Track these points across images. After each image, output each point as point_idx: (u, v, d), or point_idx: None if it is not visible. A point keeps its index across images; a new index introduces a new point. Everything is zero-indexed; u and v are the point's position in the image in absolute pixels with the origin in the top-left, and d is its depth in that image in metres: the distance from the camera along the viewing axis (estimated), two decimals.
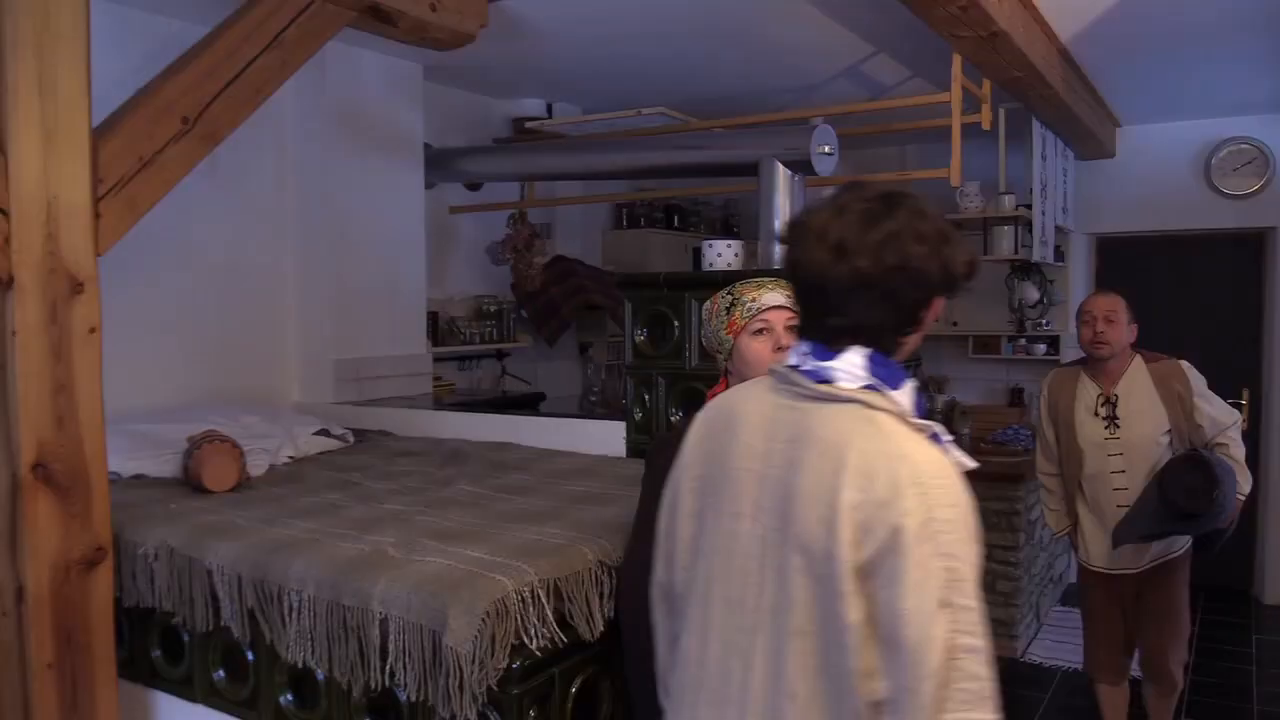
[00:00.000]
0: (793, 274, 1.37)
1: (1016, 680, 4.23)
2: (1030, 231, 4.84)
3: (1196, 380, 3.16)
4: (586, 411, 4.55)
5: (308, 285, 3.88)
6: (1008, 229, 5.28)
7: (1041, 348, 5.67)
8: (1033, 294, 5.47)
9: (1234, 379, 5.55)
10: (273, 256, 3.83)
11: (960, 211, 5.30)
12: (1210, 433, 3.15)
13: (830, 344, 1.32)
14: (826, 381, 1.30)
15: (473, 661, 1.71)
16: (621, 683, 2.07)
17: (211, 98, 2.22)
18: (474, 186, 4.83)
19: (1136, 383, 3.16)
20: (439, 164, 4.33)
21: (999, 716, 1.18)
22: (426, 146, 4.28)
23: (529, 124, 4.81)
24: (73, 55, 1.88)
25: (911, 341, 1.36)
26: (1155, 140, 5.49)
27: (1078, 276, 5.73)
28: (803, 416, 1.31)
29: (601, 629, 1.97)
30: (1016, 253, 5.27)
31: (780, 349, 1.79)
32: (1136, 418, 3.14)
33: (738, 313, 1.86)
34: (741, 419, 1.39)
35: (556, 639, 1.87)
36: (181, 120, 2.16)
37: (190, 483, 2.62)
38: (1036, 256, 4.86)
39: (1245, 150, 5.29)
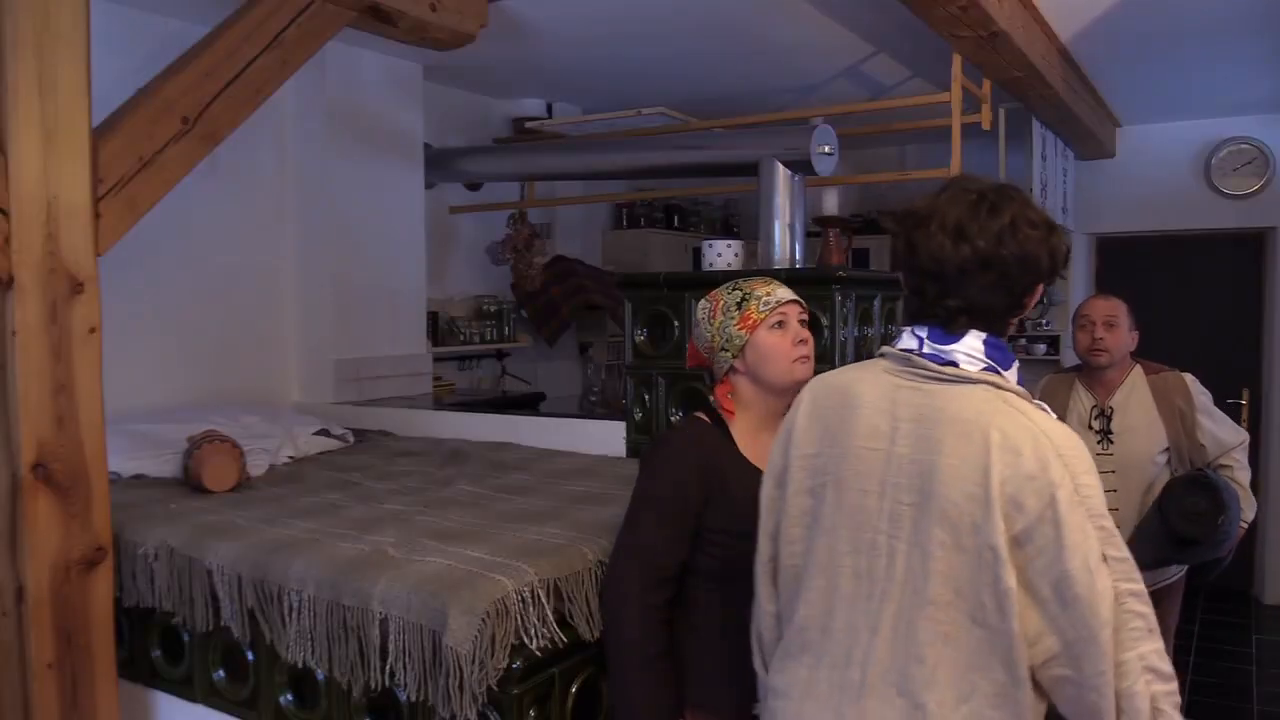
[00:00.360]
0: (909, 259, 1.44)
1: None
2: None
3: (1200, 395, 2.94)
4: (586, 411, 4.55)
5: (308, 285, 3.88)
6: None
7: (1041, 348, 5.67)
8: None
9: (1234, 379, 5.56)
10: (273, 256, 3.83)
11: None
12: (1213, 453, 2.93)
13: (949, 327, 1.41)
14: (950, 364, 1.40)
15: (473, 661, 1.71)
16: None
17: (211, 98, 2.22)
18: (474, 186, 4.83)
19: (1134, 395, 2.94)
20: (439, 164, 4.33)
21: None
22: (426, 146, 4.28)
23: (529, 124, 4.81)
24: (73, 55, 1.88)
25: (1011, 327, 1.46)
26: (1155, 140, 5.49)
27: (1078, 276, 5.73)
28: (929, 398, 1.40)
29: (602, 628, 1.97)
30: None
31: (801, 342, 1.84)
32: (1132, 433, 2.92)
33: (753, 306, 1.83)
34: (859, 400, 1.46)
35: (556, 639, 1.86)
36: (181, 120, 2.16)
37: (190, 483, 2.62)
38: None
39: (1245, 150, 5.29)
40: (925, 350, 1.43)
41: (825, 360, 2.68)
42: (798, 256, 3.38)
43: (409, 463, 2.98)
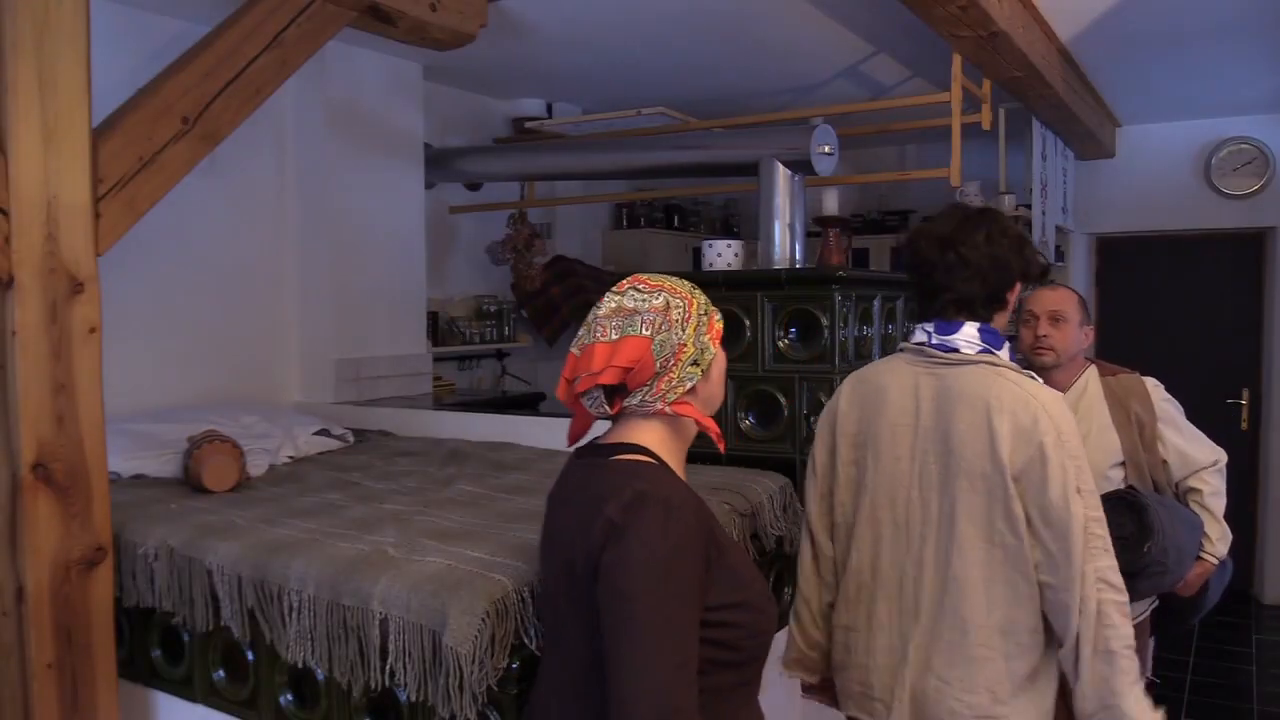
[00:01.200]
0: (913, 269, 1.88)
1: None
2: (1030, 231, 4.84)
3: (1164, 403, 2.60)
4: None
5: (308, 285, 3.88)
6: None
7: None
8: None
9: (1234, 379, 5.56)
10: (272, 256, 3.83)
11: None
12: (1179, 472, 2.57)
13: (947, 319, 1.83)
14: (953, 350, 1.82)
15: (473, 661, 1.71)
16: None
17: (211, 98, 2.22)
18: (474, 186, 4.83)
19: (1085, 400, 2.61)
20: (439, 164, 4.33)
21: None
22: (426, 146, 4.28)
23: (529, 124, 4.81)
24: (73, 55, 1.88)
25: (1002, 319, 1.85)
26: (1155, 140, 5.50)
27: (1078, 276, 5.73)
28: (941, 379, 1.83)
29: None
30: None
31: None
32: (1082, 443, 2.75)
33: (714, 316, 1.49)
34: (888, 388, 1.89)
35: None
36: (181, 120, 2.16)
37: (190, 483, 2.62)
38: None
39: (1245, 150, 5.29)
40: (934, 341, 1.84)
41: (825, 360, 2.68)
42: (798, 256, 3.38)
43: (409, 463, 2.98)
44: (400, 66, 4.09)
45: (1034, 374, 1.79)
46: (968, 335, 1.81)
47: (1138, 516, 2.36)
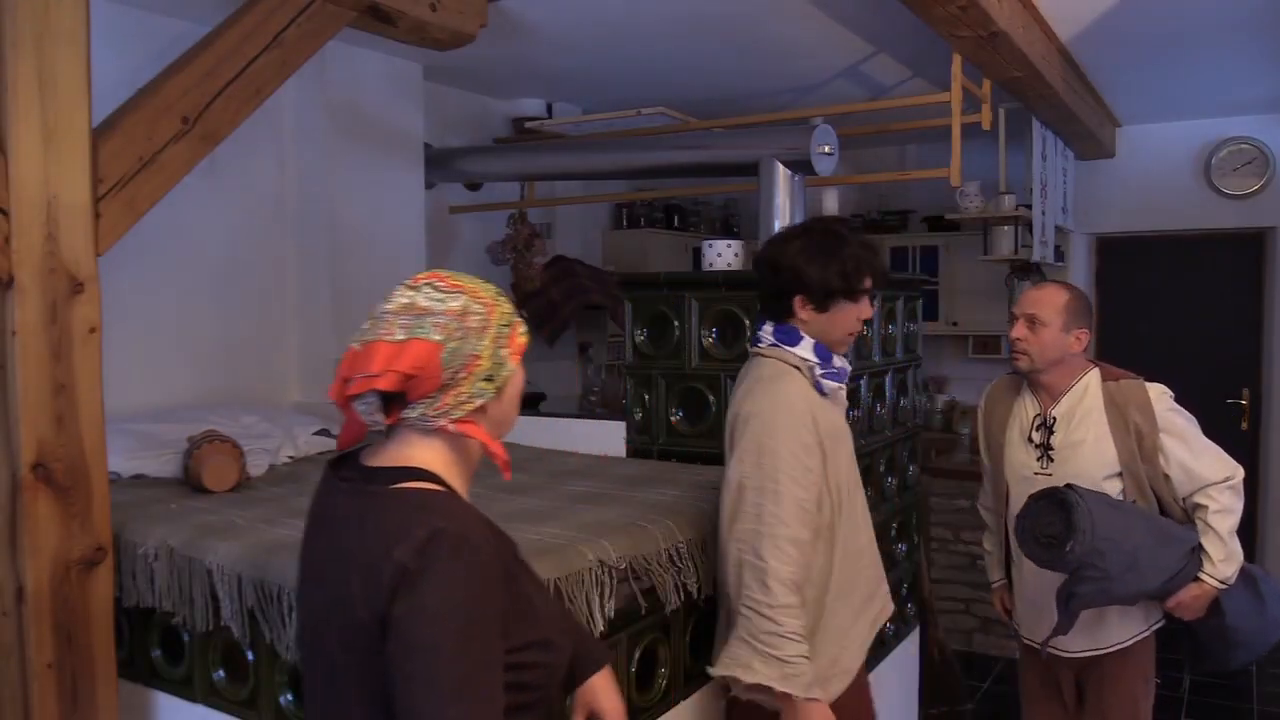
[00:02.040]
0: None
1: None
2: (1030, 231, 4.84)
3: (1169, 413, 2.42)
4: (586, 411, 4.55)
5: (307, 285, 3.88)
6: (1008, 229, 5.28)
7: None
8: None
9: (1234, 379, 5.56)
10: (272, 256, 3.83)
11: (960, 211, 5.30)
12: (1183, 487, 2.40)
13: (764, 319, 2.13)
14: (756, 344, 2.13)
15: None
16: (621, 682, 2.07)
17: (211, 98, 2.22)
18: (474, 186, 4.83)
19: (1083, 404, 2.45)
20: (439, 164, 4.33)
21: None
22: (426, 146, 4.28)
23: (529, 124, 4.81)
24: (73, 54, 1.88)
25: (814, 319, 2.05)
26: (1155, 140, 5.50)
27: (1078, 276, 5.73)
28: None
29: (602, 628, 1.97)
30: (1016, 253, 5.27)
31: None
32: (1074, 450, 2.44)
33: (518, 328, 1.33)
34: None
35: None
36: (181, 120, 2.16)
37: (190, 483, 2.62)
38: (1036, 256, 4.86)
39: (1245, 150, 5.29)
40: (753, 337, 2.19)
41: None
42: None
43: None
44: (400, 66, 4.09)
45: (831, 367, 2.07)
46: (765, 332, 2.10)
47: (1066, 515, 2.24)
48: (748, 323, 2.78)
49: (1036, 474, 2.49)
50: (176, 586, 2.16)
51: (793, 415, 2.00)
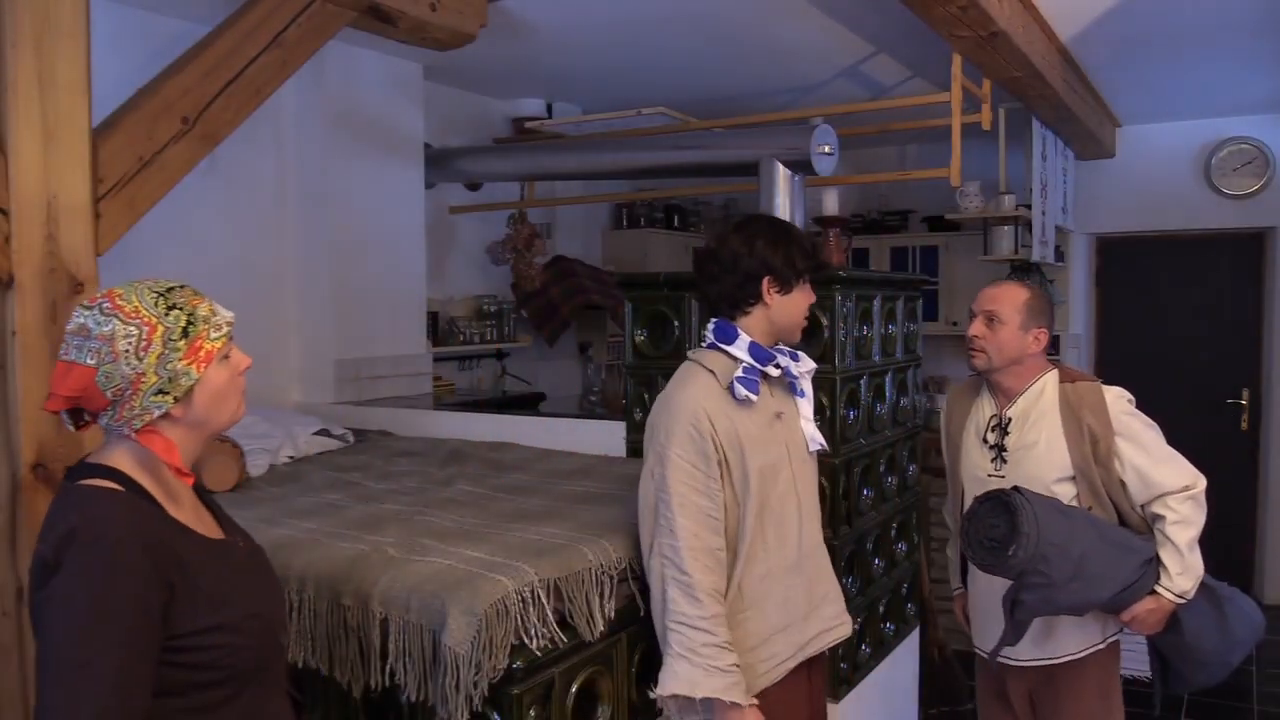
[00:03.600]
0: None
1: None
2: (1030, 231, 4.84)
3: (1126, 416, 2.31)
4: (586, 411, 4.55)
5: (308, 285, 3.88)
6: (1008, 229, 5.28)
7: None
8: None
9: (1234, 379, 5.56)
10: (273, 256, 3.83)
11: (960, 211, 5.30)
12: (1139, 494, 2.28)
13: (711, 315, 2.11)
14: (701, 343, 2.10)
15: (472, 662, 1.71)
16: (621, 683, 2.07)
17: (211, 98, 2.22)
18: (474, 186, 4.83)
19: (1038, 406, 2.37)
20: (439, 164, 4.33)
21: None
22: (426, 146, 4.28)
23: (529, 124, 4.81)
24: (73, 54, 1.88)
25: (777, 303, 2.04)
26: (1155, 140, 5.50)
27: (1078, 276, 5.73)
28: None
29: (602, 629, 1.97)
30: (1016, 253, 5.27)
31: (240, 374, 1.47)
32: (1027, 452, 2.35)
33: (203, 333, 1.37)
34: None
35: (557, 639, 1.87)
36: (181, 120, 2.16)
37: None
38: (1036, 256, 4.86)
39: (1245, 150, 5.30)
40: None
41: (826, 360, 2.68)
42: None
43: (409, 463, 2.98)
44: (400, 66, 4.09)
45: (769, 371, 2.05)
46: (708, 330, 2.09)
47: (1010, 518, 2.14)
48: None
49: (990, 475, 2.41)
50: None
51: (690, 424, 1.97)
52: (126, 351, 1.30)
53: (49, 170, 1.86)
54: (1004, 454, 2.39)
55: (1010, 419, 2.40)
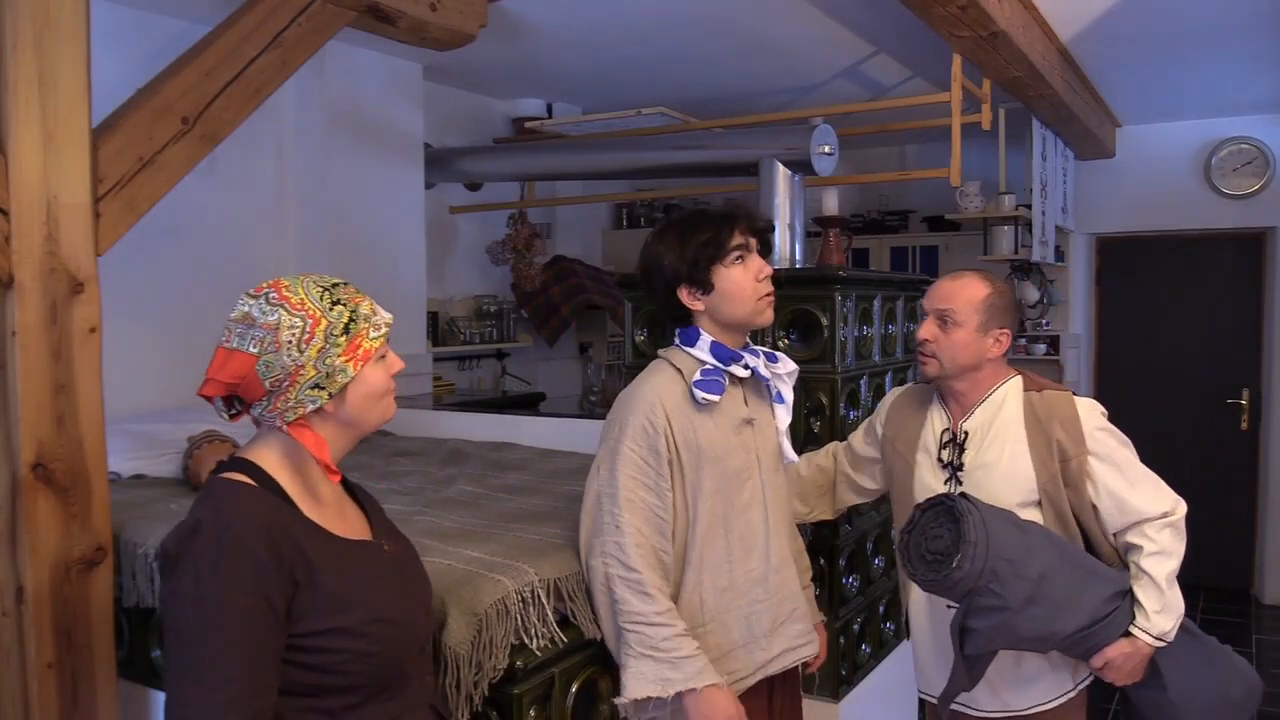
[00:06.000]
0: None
1: None
2: (1030, 231, 4.84)
3: (1100, 432, 2.00)
4: (586, 411, 4.55)
5: None
6: (1008, 229, 5.28)
7: (1041, 348, 5.68)
8: (1032, 294, 5.48)
9: (1234, 379, 5.56)
10: (272, 256, 3.83)
11: (960, 211, 5.30)
12: (1114, 521, 1.99)
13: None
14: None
15: (472, 662, 1.71)
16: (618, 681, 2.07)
17: (211, 98, 2.22)
18: (474, 186, 4.83)
19: (999, 418, 2.04)
20: (439, 164, 4.33)
21: None
22: (426, 146, 4.28)
23: (529, 124, 4.81)
24: (73, 54, 1.88)
25: (708, 303, 1.92)
26: (1155, 140, 5.50)
27: (1078, 276, 5.74)
28: None
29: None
30: (1016, 253, 5.27)
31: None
32: (986, 471, 2.03)
33: (363, 332, 1.40)
34: None
35: (557, 639, 1.86)
36: (181, 120, 2.15)
37: (190, 483, 2.62)
38: (1036, 256, 4.86)
39: (1245, 150, 5.30)
40: None
41: (825, 360, 2.68)
42: (798, 256, 3.38)
43: (409, 463, 2.98)
44: (400, 66, 4.09)
45: (727, 372, 1.95)
46: (676, 335, 2.01)
47: (955, 527, 1.86)
48: None
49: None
50: None
51: (646, 418, 1.89)
52: (289, 342, 1.30)
53: (49, 170, 1.86)
54: (959, 473, 2.07)
55: (967, 433, 2.07)
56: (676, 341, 1.99)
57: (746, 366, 1.97)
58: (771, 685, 2.04)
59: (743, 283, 1.92)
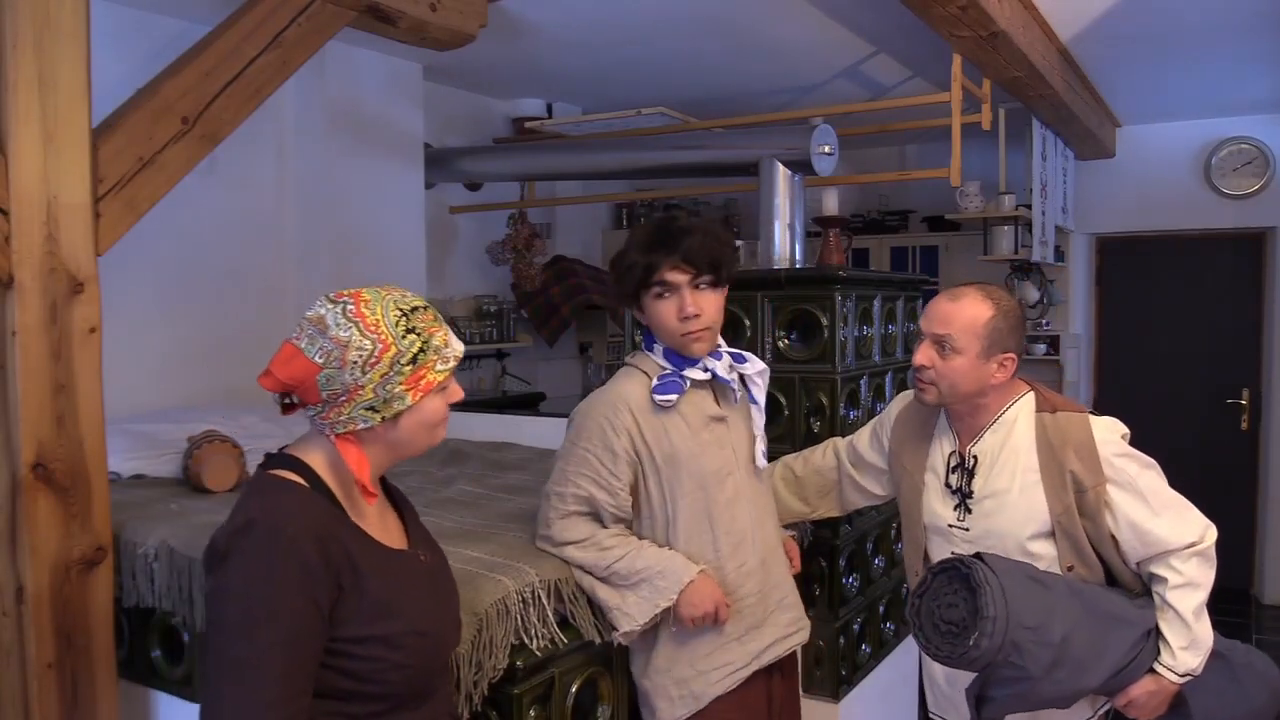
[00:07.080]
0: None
1: None
2: (1030, 231, 4.84)
3: (1118, 458, 1.85)
4: None
5: (307, 285, 3.87)
6: (1008, 229, 5.28)
7: (1042, 348, 5.68)
8: (1032, 294, 5.48)
9: (1234, 379, 5.56)
10: (272, 256, 3.83)
11: (960, 211, 5.30)
12: (1135, 552, 1.86)
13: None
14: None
15: (472, 662, 1.71)
16: (621, 683, 2.07)
17: (211, 98, 2.22)
18: (474, 186, 4.83)
19: (1009, 442, 1.91)
20: (439, 164, 4.33)
21: None
22: (426, 146, 4.28)
23: (529, 124, 4.81)
24: (73, 54, 1.88)
25: (648, 319, 2.00)
26: (1155, 140, 5.50)
27: (1078, 276, 5.74)
28: None
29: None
30: (1016, 253, 5.27)
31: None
32: (996, 500, 1.90)
33: (430, 363, 1.35)
34: None
35: (557, 639, 1.87)
36: (181, 120, 2.15)
37: (190, 483, 2.62)
38: (1036, 256, 4.86)
39: (1245, 150, 5.30)
40: None
41: (825, 360, 2.68)
42: (798, 256, 3.38)
43: (408, 462, 2.97)
44: (400, 66, 4.09)
45: (691, 374, 2.00)
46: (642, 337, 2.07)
47: (972, 597, 1.73)
48: (748, 323, 2.78)
49: (952, 526, 1.97)
50: (176, 586, 2.16)
51: (605, 417, 1.95)
52: (355, 363, 1.29)
53: (49, 170, 1.86)
54: (968, 501, 1.94)
55: (975, 458, 1.95)
56: (642, 346, 2.08)
57: (706, 369, 2.00)
58: (770, 675, 2.08)
59: (664, 318, 1.96)
